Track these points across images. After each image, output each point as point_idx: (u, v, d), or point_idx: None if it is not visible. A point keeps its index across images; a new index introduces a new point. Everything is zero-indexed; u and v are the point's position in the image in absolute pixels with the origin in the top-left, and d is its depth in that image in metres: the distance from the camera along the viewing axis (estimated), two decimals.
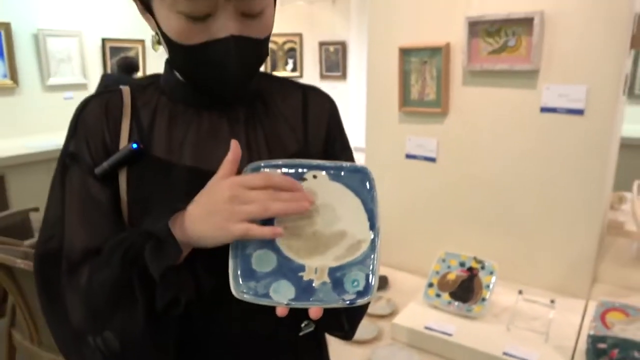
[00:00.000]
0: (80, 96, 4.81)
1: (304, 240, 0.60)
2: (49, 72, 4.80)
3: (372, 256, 0.59)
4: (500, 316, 1.38)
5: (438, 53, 1.49)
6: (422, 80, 1.56)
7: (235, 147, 0.60)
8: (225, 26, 0.60)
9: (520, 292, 1.40)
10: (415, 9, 1.54)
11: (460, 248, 1.49)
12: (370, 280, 0.58)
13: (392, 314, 1.47)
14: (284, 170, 0.62)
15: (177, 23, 0.59)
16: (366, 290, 0.58)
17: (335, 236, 0.60)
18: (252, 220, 0.57)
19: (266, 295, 0.57)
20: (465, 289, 1.40)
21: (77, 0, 4.99)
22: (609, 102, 1.33)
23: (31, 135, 4.64)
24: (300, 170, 0.62)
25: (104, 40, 5.21)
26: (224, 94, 0.68)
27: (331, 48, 6.48)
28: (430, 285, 1.45)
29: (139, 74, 5.53)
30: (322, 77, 6.58)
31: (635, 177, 1.66)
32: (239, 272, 0.57)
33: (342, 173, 0.63)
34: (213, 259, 0.61)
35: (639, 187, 1.60)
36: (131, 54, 5.53)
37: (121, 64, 4.63)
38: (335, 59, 6.49)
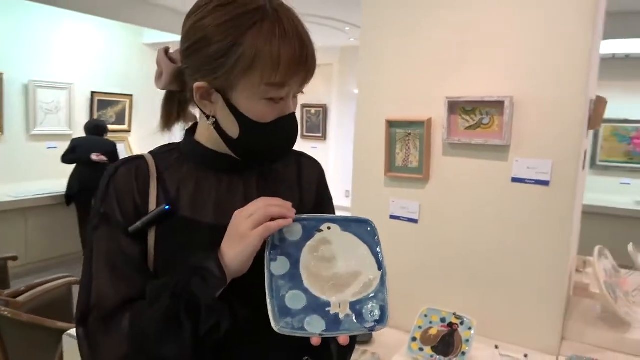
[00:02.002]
0: (64, 146, 4.84)
1: (326, 281, 0.72)
2: (35, 122, 4.87)
3: (383, 291, 0.73)
4: None
5: (421, 126, 1.67)
6: (406, 149, 1.72)
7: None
8: (290, 105, 0.77)
9: (496, 347, 1.50)
10: (401, 87, 1.73)
11: (441, 304, 1.59)
12: (384, 311, 0.71)
13: None
14: (305, 222, 0.75)
15: (261, 107, 0.74)
16: (382, 318, 0.71)
17: (351, 276, 0.73)
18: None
19: (302, 329, 0.68)
20: (446, 344, 1.50)
21: (70, 54, 5.15)
22: (571, 175, 1.51)
23: (12, 184, 4.62)
24: (316, 222, 0.76)
25: (92, 94, 5.34)
26: (281, 158, 0.85)
27: (312, 110, 6.78)
28: (414, 339, 1.54)
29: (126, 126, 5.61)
30: (303, 137, 6.84)
31: (597, 243, 1.82)
32: (276, 310, 0.68)
33: (351, 224, 0.77)
34: (246, 295, 0.73)
35: (600, 252, 1.76)
36: (119, 107, 5.67)
37: (91, 127, 4.74)
38: (316, 121, 6.78)
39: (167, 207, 0.76)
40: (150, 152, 0.84)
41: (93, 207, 0.79)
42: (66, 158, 4.51)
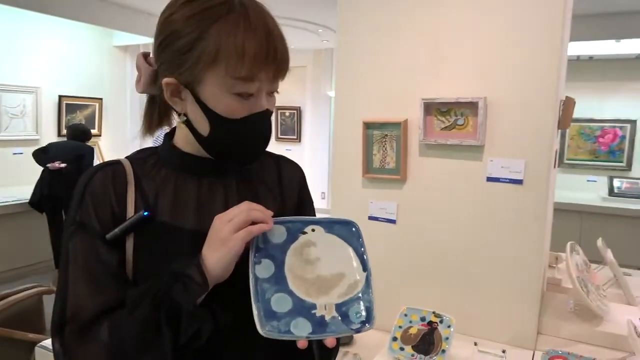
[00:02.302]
0: (30, 152, 4.68)
1: (310, 283, 0.72)
2: None
3: (369, 292, 0.72)
4: None
5: (397, 127, 1.68)
6: (383, 150, 1.74)
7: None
8: (261, 103, 0.75)
9: (475, 344, 1.52)
10: (378, 88, 1.74)
11: (420, 303, 1.61)
12: (370, 311, 0.71)
13: None
14: (289, 225, 0.75)
15: (229, 102, 0.72)
16: (368, 319, 0.71)
17: (336, 278, 0.73)
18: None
19: (288, 332, 0.67)
20: (426, 342, 1.51)
21: (37, 56, 5.00)
22: (543, 174, 1.54)
23: None
24: (301, 225, 0.75)
25: (60, 97, 5.19)
26: (255, 158, 0.83)
27: (287, 113, 6.77)
28: (395, 339, 1.55)
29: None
30: (277, 139, 6.82)
31: (566, 238, 1.87)
32: (262, 314, 0.67)
33: (335, 226, 0.76)
34: (228, 300, 0.72)
35: (571, 247, 1.81)
36: (88, 111, 5.53)
37: (72, 131, 4.59)
38: (290, 123, 6.76)
39: (145, 213, 0.74)
40: (127, 157, 0.82)
41: (67, 214, 0.77)
42: (37, 156, 4.36)
